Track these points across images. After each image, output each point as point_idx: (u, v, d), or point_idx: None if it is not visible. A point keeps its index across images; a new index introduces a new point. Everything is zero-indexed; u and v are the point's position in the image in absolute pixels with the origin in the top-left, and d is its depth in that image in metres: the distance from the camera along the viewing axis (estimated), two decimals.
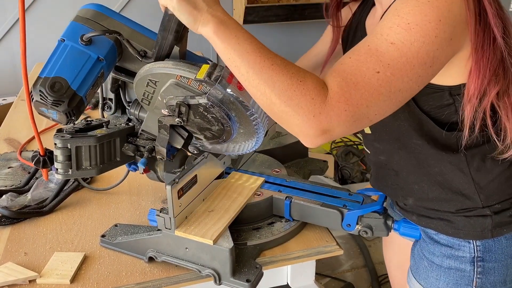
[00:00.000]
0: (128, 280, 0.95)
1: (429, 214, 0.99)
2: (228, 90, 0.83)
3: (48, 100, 0.85)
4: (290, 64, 0.76)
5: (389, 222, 0.98)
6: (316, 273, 1.13)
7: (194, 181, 0.96)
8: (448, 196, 0.94)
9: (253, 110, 0.86)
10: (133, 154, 1.02)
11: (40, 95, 0.85)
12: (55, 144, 0.93)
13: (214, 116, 0.87)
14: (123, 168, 1.09)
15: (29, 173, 1.33)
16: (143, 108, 1.00)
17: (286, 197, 1.05)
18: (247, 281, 0.90)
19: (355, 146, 3.11)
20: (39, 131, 1.56)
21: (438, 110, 0.88)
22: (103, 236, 1.05)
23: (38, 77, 0.86)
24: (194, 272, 0.95)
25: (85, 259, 1.01)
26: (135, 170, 1.08)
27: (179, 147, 0.99)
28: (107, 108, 1.06)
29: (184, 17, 0.79)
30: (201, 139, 0.98)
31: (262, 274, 0.94)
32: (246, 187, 1.08)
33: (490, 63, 0.79)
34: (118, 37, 0.90)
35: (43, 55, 0.92)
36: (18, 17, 0.79)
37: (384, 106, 0.74)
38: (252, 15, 3.44)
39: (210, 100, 0.84)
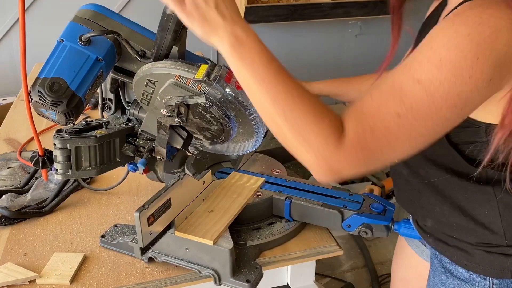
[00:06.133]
0: (128, 280, 0.94)
1: (446, 240, 0.90)
2: (227, 90, 0.83)
3: (47, 100, 0.85)
4: (308, 97, 0.70)
5: (390, 223, 0.98)
6: (316, 273, 1.13)
7: (167, 205, 0.91)
8: (470, 226, 0.84)
9: (252, 109, 0.86)
10: (132, 155, 1.01)
11: (39, 95, 0.85)
12: (55, 144, 0.92)
13: (213, 116, 0.87)
14: (123, 168, 1.09)
15: (29, 173, 1.33)
16: (142, 109, 1.00)
17: (286, 198, 1.05)
18: (247, 281, 0.90)
19: None
20: (39, 131, 1.57)
21: (469, 145, 0.78)
22: (103, 236, 1.05)
23: (37, 78, 0.86)
24: (194, 272, 0.95)
25: (85, 260, 1.00)
26: (135, 170, 1.07)
27: (178, 147, 0.98)
28: (107, 109, 1.06)
29: (195, 27, 0.72)
30: (201, 139, 0.97)
31: (262, 275, 0.94)
32: (246, 187, 1.08)
33: None
34: (116, 37, 0.89)
35: (43, 55, 0.92)
36: (18, 17, 0.79)
37: (400, 151, 0.69)
38: (252, 15, 3.44)
39: (208, 100, 0.84)
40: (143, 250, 0.91)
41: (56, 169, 0.94)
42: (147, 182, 1.26)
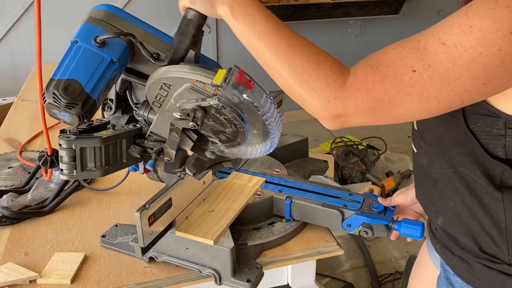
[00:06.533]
0: (128, 280, 0.95)
1: (452, 248, 0.87)
2: (239, 91, 0.82)
3: (61, 102, 0.83)
4: (309, 45, 0.72)
5: (390, 223, 0.99)
6: (316, 273, 1.13)
7: (168, 205, 0.92)
8: (477, 230, 0.81)
9: (265, 109, 0.85)
10: (139, 156, 1.00)
11: (53, 97, 0.84)
12: (60, 144, 0.92)
13: (226, 117, 0.86)
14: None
15: (29, 173, 1.33)
16: (152, 110, 0.99)
17: (286, 197, 1.05)
18: (248, 281, 0.90)
19: (355, 146, 3.11)
20: (38, 131, 1.57)
21: (485, 136, 0.74)
22: (103, 236, 1.05)
23: (51, 79, 0.84)
24: (194, 272, 0.95)
25: (85, 259, 1.01)
26: (135, 170, 1.07)
27: (188, 149, 0.99)
28: (108, 109, 1.05)
29: (199, 5, 0.79)
30: (217, 143, 0.96)
31: (262, 274, 0.94)
32: (247, 187, 1.08)
33: None
34: (132, 39, 0.88)
35: (44, 55, 0.91)
36: (18, 17, 0.79)
37: (412, 108, 0.67)
38: None
39: (221, 101, 0.83)
40: (144, 250, 0.91)
41: (61, 170, 0.94)
42: (147, 182, 1.26)
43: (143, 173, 1.08)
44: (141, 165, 1.08)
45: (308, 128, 3.48)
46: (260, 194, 1.08)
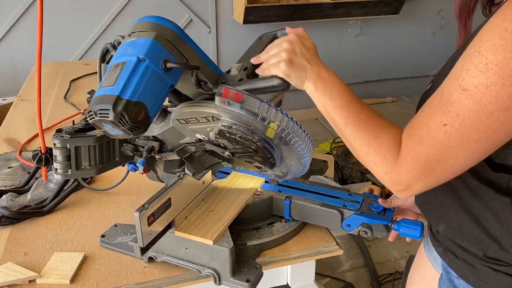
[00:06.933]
0: (128, 280, 0.95)
1: (455, 252, 0.87)
2: (230, 105, 0.81)
3: (126, 125, 0.77)
4: (373, 119, 0.78)
5: (389, 223, 0.99)
6: (316, 273, 1.13)
7: (167, 205, 0.91)
8: (481, 236, 0.80)
9: (264, 115, 0.83)
10: (131, 154, 1.01)
11: (120, 119, 0.76)
12: (54, 144, 0.92)
13: (240, 136, 0.86)
14: (123, 168, 1.09)
15: (29, 173, 1.33)
16: (160, 117, 0.98)
17: (286, 197, 1.05)
18: (247, 281, 0.90)
19: None
20: (36, 132, 1.57)
21: None
22: (103, 236, 1.05)
23: (119, 97, 0.76)
24: (194, 272, 0.95)
25: (85, 259, 1.01)
26: (135, 170, 1.08)
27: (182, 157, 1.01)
28: None
29: (293, 79, 0.84)
30: (261, 167, 0.95)
31: (262, 274, 0.94)
32: (246, 187, 1.08)
33: None
34: (195, 70, 0.86)
35: (44, 55, 0.91)
36: (18, 17, 0.79)
37: (460, 157, 0.68)
38: (252, 15, 3.45)
39: (223, 122, 0.83)
40: (143, 250, 0.91)
41: (56, 169, 0.94)
42: (147, 182, 1.26)
43: (142, 173, 1.08)
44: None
45: (308, 128, 3.49)
46: (260, 194, 1.08)
